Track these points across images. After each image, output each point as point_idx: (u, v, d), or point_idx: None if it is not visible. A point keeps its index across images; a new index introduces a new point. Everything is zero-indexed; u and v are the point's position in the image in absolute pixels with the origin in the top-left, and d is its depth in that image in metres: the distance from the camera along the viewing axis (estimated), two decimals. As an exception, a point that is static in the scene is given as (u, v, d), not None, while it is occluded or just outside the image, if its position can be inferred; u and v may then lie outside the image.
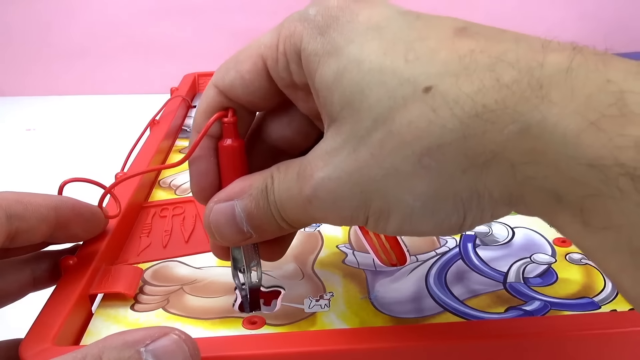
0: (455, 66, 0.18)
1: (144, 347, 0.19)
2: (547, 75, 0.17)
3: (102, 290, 0.28)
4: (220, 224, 0.24)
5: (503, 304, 0.27)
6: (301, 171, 0.22)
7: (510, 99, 0.17)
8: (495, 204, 0.19)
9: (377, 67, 0.19)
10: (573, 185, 0.16)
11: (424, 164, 0.19)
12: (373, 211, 0.20)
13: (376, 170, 0.19)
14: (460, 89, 0.18)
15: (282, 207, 0.23)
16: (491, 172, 0.18)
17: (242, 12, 0.90)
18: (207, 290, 0.29)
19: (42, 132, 0.81)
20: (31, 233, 0.26)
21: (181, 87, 0.59)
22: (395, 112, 0.19)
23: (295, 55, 0.22)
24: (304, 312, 0.27)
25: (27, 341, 0.23)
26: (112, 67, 0.94)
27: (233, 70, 0.24)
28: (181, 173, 0.43)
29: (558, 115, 0.16)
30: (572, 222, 0.17)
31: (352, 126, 0.20)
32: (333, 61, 0.20)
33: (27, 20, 0.92)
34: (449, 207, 0.19)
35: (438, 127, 0.18)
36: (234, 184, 0.24)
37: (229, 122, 0.24)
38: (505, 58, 0.18)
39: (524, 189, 0.18)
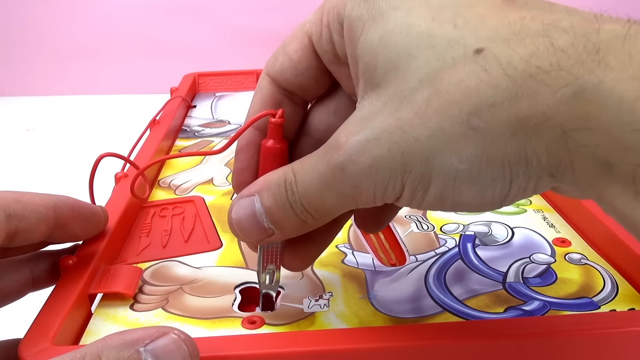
0: (507, 31, 0.18)
1: (143, 346, 0.19)
2: (604, 40, 0.16)
3: (101, 290, 0.28)
4: (241, 220, 0.23)
5: (502, 304, 0.27)
6: (329, 144, 0.21)
7: (566, 61, 0.17)
8: (542, 171, 0.18)
9: (426, 31, 0.19)
10: (626, 152, 0.16)
11: (473, 124, 0.18)
12: (413, 176, 0.19)
13: (420, 130, 0.18)
14: (514, 51, 0.17)
15: (305, 192, 0.22)
16: (542, 136, 0.17)
17: (242, 12, 0.90)
18: (207, 290, 0.29)
19: (42, 132, 0.81)
20: (30, 232, 0.26)
21: (181, 87, 0.59)
22: (444, 72, 0.18)
23: (338, 25, 0.22)
24: (303, 312, 0.27)
25: (26, 341, 0.23)
26: (112, 67, 0.94)
27: (282, 54, 0.24)
28: (181, 173, 0.43)
29: (615, 80, 0.16)
30: (622, 192, 0.16)
31: (395, 88, 0.19)
32: (379, 26, 0.20)
33: (27, 21, 0.92)
34: (496, 172, 0.18)
35: (490, 86, 0.17)
36: (257, 180, 0.24)
37: (275, 122, 0.24)
38: (559, 24, 0.17)
39: (574, 157, 0.17)
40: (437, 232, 0.34)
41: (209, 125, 0.54)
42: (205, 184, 0.41)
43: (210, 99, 0.61)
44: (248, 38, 0.90)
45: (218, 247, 0.33)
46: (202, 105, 0.59)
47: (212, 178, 0.42)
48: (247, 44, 0.90)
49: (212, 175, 0.43)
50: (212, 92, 0.63)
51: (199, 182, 0.42)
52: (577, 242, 0.33)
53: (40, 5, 0.90)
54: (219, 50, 0.91)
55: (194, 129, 0.53)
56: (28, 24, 0.91)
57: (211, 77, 0.64)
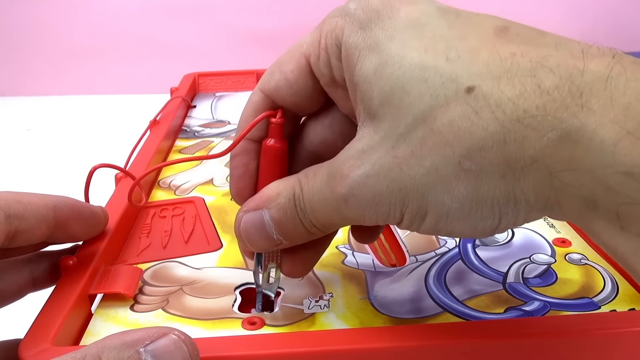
0: (497, 68, 0.18)
1: (143, 347, 0.19)
2: (587, 83, 0.17)
3: (101, 290, 0.28)
4: (250, 233, 0.24)
5: (502, 304, 0.27)
6: (333, 172, 0.22)
7: (551, 105, 0.17)
8: (530, 209, 0.19)
9: (418, 64, 0.19)
10: (609, 192, 0.17)
11: (464, 166, 0.19)
12: (410, 210, 0.20)
13: (416, 169, 0.19)
14: (502, 91, 0.18)
15: (313, 212, 0.23)
16: (529, 178, 0.18)
17: (242, 12, 0.90)
18: (207, 290, 0.29)
19: (41, 132, 0.81)
20: (30, 233, 0.26)
21: (181, 87, 0.59)
22: (437, 111, 0.19)
23: (336, 49, 0.22)
24: (304, 312, 0.27)
25: (26, 341, 0.23)
26: (112, 67, 0.94)
27: (277, 72, 0.24)
28: (181, 174, 0.43)
29: (596, 123, 0.16)
30: (607, 227, 0.17)
31: (391, 123, 0.20)
32: (374, 56, 0.21)
33: (27, 21, 0.92)
34: (486, 211, 0.19)
35: (479, 128, 0.18)
36: (263, 192, 0.24)
37: (276, 122, 0.25)
38: (546, 63, 0.18)
39: (561, 196, 0.18)
40: (437, 233, 0.34)
41: (209, 125, 0.54)
42: (205, 184, 0.41)
43: (210, 99, 0.61)
44: (248, 38, 0.90)
45: (218, 248, 0.33)
46: (202, 105, 0.59)
47: (212, 179, 0.42)
48: (247, 44, 0.90)
49: (212, 176, 0.43)
50: (212, 92, 0.63)
51: (199, 182, 0.42)
52: (577, 242, 0.33)
53: (41, 6, 0.90)
54: (219, 50, 0.91)
55: (194, 129, 0.53)
56: (28, 24, 0.91)
57: (211, 77, 0.64)
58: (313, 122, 0.26)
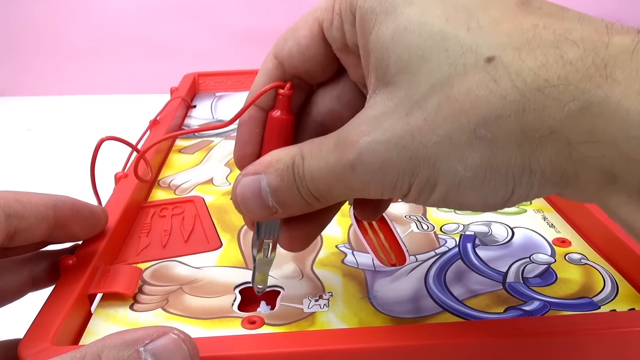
0: (519, 39, 0.18)
1: (143, 346, 0.19)
2: (612, 55, 0.17)
3: (101, 290, 0.28)
4: (246, 197, 0.24)
5: (502, 304, 0.27)
6: (342, 139, 0.21)
7: (574, 75, 0.17)
8: (545, 181, 0.19)
9: (439, 32, 0.19)
10: (632, 165, 0.16)
11: (480, 134, 0.18)
12: (419, 179, 0.20)
13: (429, 136, 0.19)
14: (524, 61, 0.18)
15: (314, 180, 0.22)
16: (547, 148, 0.18)
17: (242, 12, 0.90)
18: (206, 290, 0.29)
19: (41, 132, 0.81)
20: (30, 232, 0.26)
21: (181, 87, 0.59)
22: (455, 79, 0.19)
23: (350, 14, 0.22)
24: (303, 312, 0.27)
25: (26, 341, 0.23)
26: (112, 67, 0.94)
27: (291, 38, 0.24)
28: (180, 173, 0.43)
29: (621, 95, 0.16)
30: (627, 202, 0.17)
31: (406, 91, 0.20)
32: (391, 21, 0.20)
33: (27, 21, 0.92)
34: (499, 181, 0.19)
35: (498, 97, 0.18)
36: (263, 158, 0.24)
37: (284, 94, 0.24)
38: (569, 36, 0.18)
39: (579, 168, 0.18)
40: (437, 232, 0.34)
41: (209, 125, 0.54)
42: (205, 184, 0.41)
43: (210, 99, 0.61)
44: (248, 38, 0.90)
45: (218, 247, 0.33)
46: (202, 105, 0.59)
47: (212, 178, 0.42)
48: (247, 44, 0.90)
49: (212, 175, 0.43)
50: (212, 92, 0.63)
51: (198, 182, 0.42)
52: (577, 242, 0.33)
53: (41, 6, 0.90)
54: (219, 50, 0.91)
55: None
56: (28, 24, 0.91)
57: (211, 77, 0.64)
58: (322, 93, 0.26)
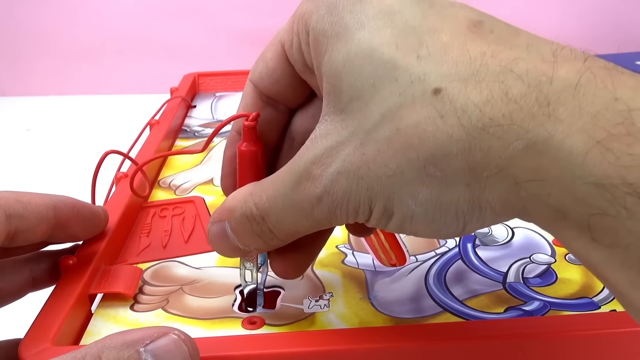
0: (466, 69, 0.18)
1: (143, 346, 0.19)
2: (555, 92, 0.17)
3: (101, 290, 0.28)
4: (217, 244, 0.24)
5: (502, 304, 0.27)
6: (301, 174, 0.21)
7: (518, 114, 0.17)
8: (496, 216, 0.19)
9: (389, 61, 0.19)
10: (579, 203, 0.16)
11: (429, 172, 0.18)
12: (377, 209, 0.20)
13: (382, 169, 0.19)
14: (469, 97, 0.18)
15: (278, 221, 0.22)
16: (494, 187, 0.18)
17: (242, 12, 0.90)
18: (207, 290, 0.29)
19: (42, 132, 0.81)
20: (30, 232, 0.26)
21: (181, 87, 0.59)
22: (404, 111, 0.19)
23: (306, 35, 0.22)
24: (304, 312, 0.27)
25: (26, 341, 0.23)
26: (112, 67, 0.94)
27: (260, 61, 0.24)
28: (181, 173, 0.43)
29: (564, 133, 0.16)
30: (578, 237, 0.17)
31: (360, 120, 0.20)
32: (342, 45, 0.20)
33: (27, 21, 0.92)
34: (450, 217, 0.19)
35: (445, 135, 0.18)
36: (224, 203, 0.24)
37: (248, 125, 0.24)
38: (515, 68, 0.17)
39: (528, 205, 0.18)
40: (437, 232, 0.34)
41: (209, 125, 0.54)
42: (205, 184, 0.41)
43: (210, 99, 0.61)
44: (248, 38, 0.90)
45: (218, 247, 0.33)
46: (202, 105, 0.59)
47: (212, 178, 0.42)
48: (247, 44, 0.90)
49: (212, 176, 0.43)
50: (212, 92, 0.63)
51: (199, 182, 0.42)
52: (577, 242, 0.33)
53: (41, 6, 0.90)
54: (219, 50, 0.91)
55: (194, 129, 0.53)
56: (28, 24, 0.91)
57: (211, 77, 0.64)
58: (299, 115, 0.26)
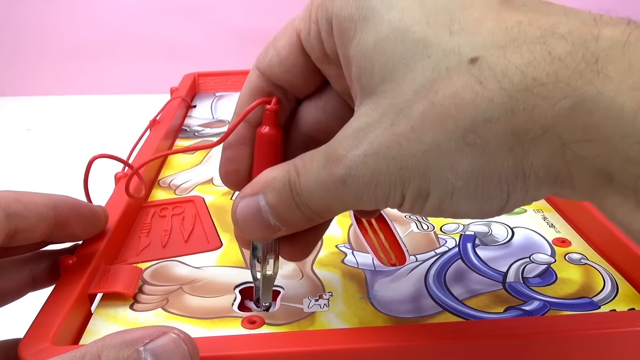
0: (503, 37, 0.17)
1: (143, 346, 0.19)
2: (603, 49, 0.16)
3: (101, 289, 0.28)
4: (247, 219, 0.23)
5: (502, 304, 0.27)
6: (330, 154, 0.21)
7: (564, 72, 0.16)
8: (540, 184, 0.18)
9: (422, 39, 0.18)
10: (628, 164, 0.16)
11: (468, 140, 0.18)
12: (411, 190, 0.19)
13: (416, 145, 0.18)
14: (509, 60, 0.17)
15: (310, 197, 0.22)
16: (539, 150, 0.17)
17: (242, 12, 0.90)
18: (207, 289, 0.29)
19: (42, 132, 0.81)
20: (30, 232, 0.26)
21: (181, 87, 0.59)
22: (439, 84, 0.18)
23: (327, 22, 0.21)
24: (303, 311, 0.27)
25: (26, 341, 0.23)
26: (112, 67, 0.94)
27: (271, 49, 0.24)
28: (181, 173, 0.43)
29: (614, 91, 0.15)
30: (623, 203, 0.16)
31: (391, 100, 0.19)
32: (371, 28, 0.19)
33: (27, 21, 0.92)
34: (493, 187, 0.18)
35: (485, 100, 0.17)
36: (259, 178, 0.23)
37: (271, 109, 0.24)
38: (556, 30, 0.17)
39: (573, 169, 0.17)
40: (437, 232, 0.34)
41: (209, 125, 0.54)
42: (205, 183, 0.41)
43: (210, 99, 0.61)
44: (248, 38, 0.90)
45: (218, 247, 0.33)
46: (202, 105, 0.59)
47: (212, 178, 0.42)
48: (247, 44, 0.90)
49: (212, 175, 0.43)
50: (212, 92, 0.63)
51: (198, 182, 0.42)
52: (577, 242, 0.33)
53: (41, 6, 0.90)
54: (219, 50, 0.91)
55: (194, 129, 0.53)
56: (29, 24, 0.91)
57: (211, 77, 0.64)
58: (307, 105, 0.25)
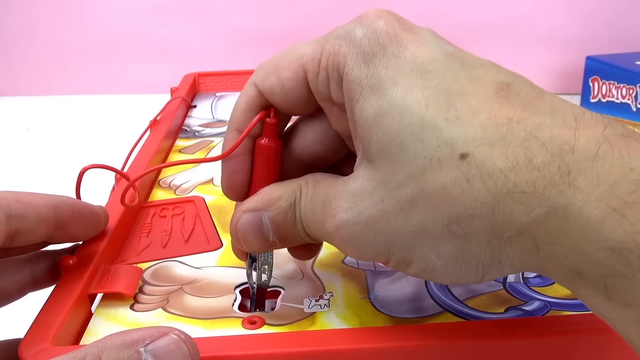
0: (492, 134, 0.19)
1: (144, 346, 0.19)
2: (576, 161, 0.18)
3: (101, 290, 0.28)
4: (247, 233, 0.25)
5: (503, 304, 0.27)
6: (327, 202, 0.22)
7: (540, 181, 0.18)
8: (514, 270, 0.20)
9: (418, 121, 0.20)
10: (595, 266, 0.17)
11: (452, 229, 0.19)
12: (395, 258, 0.21)
13: (403, 225, 0.20)
14: (495, 163, 0.18)
15: (307, 225, 0.24)
16: (515, 247, 0.19)
17: (242, 12, 0.90)
18: (207, 290, 0.29)
19: (41, 132, 0.81)
20: (31, 233, 0.26)
21: (181, 87, 0.59)
22: (429, 173, 0.19)
23: (337, 76, 0.22)
24: (304, 312, 0.27)
25: (26, 341, 0.23)
26: (112, 67, 0.94)
27: (274, 75, 0.24)
28: (180, 173, 0.43)
29: (583, 202, 0.17)
30: (594, 295, 0.18)
31: (384, 176, 0.20)
32: (375, 99, 0.21)
33: (27, 21, 0.92)
34: (470, 269, 0.20)
35: (470, 198, 0.19)
36: (262, 194, 0.25)
37: (271, 122, 0.25)
38: (539, 135, 0.18)
39: (546, 264, 0.19)
40: (438, 232, 0.34)
41: (209, 125, 0.54)
42: (206, 184, 0.41)
43: (210, 99, 0.61)
44: (248, 38, 0.90)
45: (218, 247, 0.33)
46: (202, 105, 0.59)
47: (212, 178, 0.42)
48: (247, 44, 0.90)
49: (212, 175, 0.43)
50: (212, 92, 0.63)
51: (199, 182, 0.42)
52: (578, 242, 0.33)
53: (41, 6, 0.90)
54: (219, 50, 0.91)
55: (194, 129, 0.53)
56: (28, 24, 0.91)
57: (211, 77, 0.64)
58: (303, 134, 0.26)
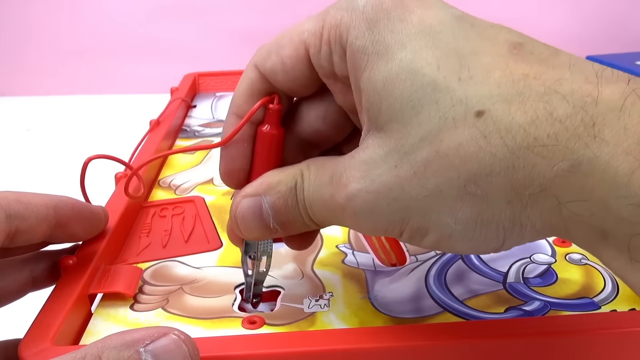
0: (509, 91, 0.18)
1: (144, 347, 0.19)
2: (601, 113, 0.17)
3: (101, 290, 0.28)
4: (247, 219, 0.24)
5: (503, 304, 0.27)
6: (336, 176, 0.21)
7: (563, 134, 0.17)
8: (536, 233, 0.19)
9: (430, 83, 0.19)
10: (621, 223, 0.17)
11: (470, 190, 0.18)
12: (410, 227, 0.20)
13: (418, 190, 0.19)
14: (513, 117, 0.18)
15: (311, 207, 0.23)
16: (536, 205, 0.18)
17: (242, 12, 0.90)
18: (207, 290, 0.29)
19: (41, 132, 0.81)
20: (31, 233, 0.26)
21: (181, 87, 0.59)
22: (445, 133, 0.19)
23: (340, 47, 0.22)
24: (304, 312, 0.27)
25: (26, 341, 0.23)
26: (112, 67, 0.94)
27: (274, 54, 0.23)
28: (181, 173, 0.43)
29: (610, 154, 0.16)
30: (617, 257, 0.17)
31: (397, 141, 0.20)
32: (383, 64, 0.20)
33: (27, 21, 0.92)
34: (490, 233, 0.19)
35: (488, 154, 0.18)
36: (263, 179, 0.24)
37: (274, 108, 0.24)
38: (559, 89, 0.18)
39: (569, 224, 0.18)
40: (438, 232, 0.34)
41: (209, 125, 0.54)
42: (206, 183, 0.41)
43: (210, 99, 0.61)
44: (248, 38, 0.90)
45: (218, 247, 0.33)
46: (202, 105, 0.59)
47: (212, 178, 0.42)
48: (247, 44, 0.90)
49: (212, 175, 0.43)
50: (212, 92, 0.63)
51: (199, 182, 0.42)
52: (578, 242, 0.33)
53: (40, 5, 0.90)
54: (219, 50, 0.91)
55: (194, 129, 0.53)
56: (28, 23, 0.91)
57: (211, 77, 0.64)
58: (306, 110, 0.25)
